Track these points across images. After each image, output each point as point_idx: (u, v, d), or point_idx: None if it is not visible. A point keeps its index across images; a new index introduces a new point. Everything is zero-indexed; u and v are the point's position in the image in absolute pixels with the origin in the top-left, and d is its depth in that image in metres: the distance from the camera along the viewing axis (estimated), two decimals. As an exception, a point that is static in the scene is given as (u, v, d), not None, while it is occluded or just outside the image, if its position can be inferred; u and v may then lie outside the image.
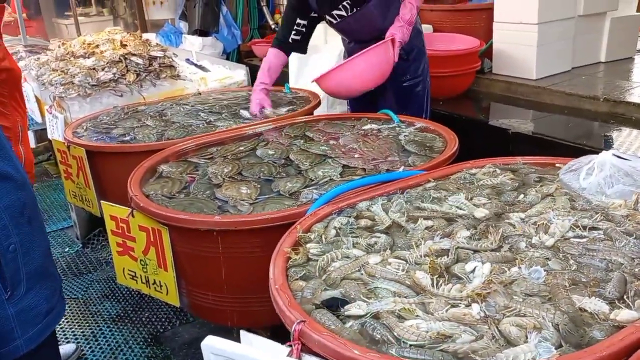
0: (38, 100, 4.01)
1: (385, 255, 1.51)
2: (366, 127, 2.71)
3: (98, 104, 3.48)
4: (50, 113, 3.40)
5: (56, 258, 3.82)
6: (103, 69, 3.54)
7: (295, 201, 2.00)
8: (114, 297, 3.35)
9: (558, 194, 1.78)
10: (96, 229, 3.97)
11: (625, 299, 1.25)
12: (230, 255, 1.90)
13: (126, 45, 3.80)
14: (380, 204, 1.80)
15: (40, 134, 5.03)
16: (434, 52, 3.38)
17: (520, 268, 1.39)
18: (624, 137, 3.01)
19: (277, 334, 1.35)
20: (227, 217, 1.89)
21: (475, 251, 1.49)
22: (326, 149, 2.43)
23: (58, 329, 3.08)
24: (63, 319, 3.16)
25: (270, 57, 3.12)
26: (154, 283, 2.15)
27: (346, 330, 1.23)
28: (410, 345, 1.17)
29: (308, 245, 1.59)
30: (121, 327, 3.07)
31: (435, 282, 1.35)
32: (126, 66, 3.61)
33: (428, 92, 3.17)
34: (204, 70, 4.21)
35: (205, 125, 2.94)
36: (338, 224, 1.69)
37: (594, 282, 1.32)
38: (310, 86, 3.64)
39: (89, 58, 3.69)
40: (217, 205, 2.02)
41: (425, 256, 1.48)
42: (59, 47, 3.99)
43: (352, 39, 3.14)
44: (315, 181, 2.14)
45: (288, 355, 1.20)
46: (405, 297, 1.33)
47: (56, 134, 3.29)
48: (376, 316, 1.26)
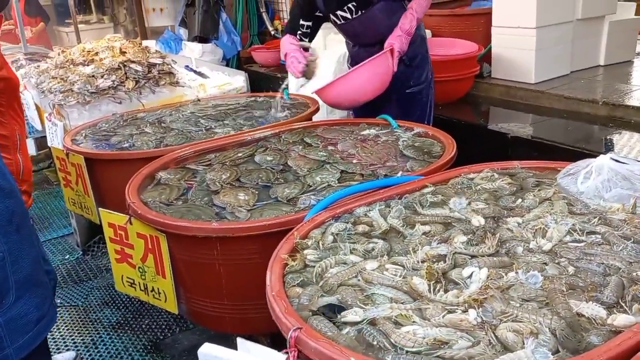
0: (38, 108, 4.02)
1: (383, 261, 1.51)
2: (364, 133, 2.71)
3: (97, 112, 3.48)
4: (50, 121, 3.41)
5: (56, 265, 3.82)
6: (102, 76, 3.55)
7: (293, 207, 2.00)
8: (114, 305, 3.35)
9: (556, 198, 1.77)
10: (96, 236, 3.97)
11: (622, 303, 1.24)
12: (228, 262, 1.90)
13: (125, 53, 3.81)
14: (378, 210, 1.80)
15: (41, 142, 5.04)
16: (433, 57, 3.37)
17: (517, 273, 1.38)
18: (623, 141, 3.00)
19: (277, 340, 1.34)
20: (225, 224, 1.88)
21: (473, 256, 1.49)
22: (324, 154, 2.43)
23: (58, 336, 3.08)
24: (63, 326, 3.16)
25: (288, 38, 3.07)
26: (153, 290, 2.14)
27: (343, 337, 1.22)
28: (407, 351, 1.16)
29: (305, 251, 1.58)
30: (121, 335, 3.06)
31: (432, 288, 1.35)
32: (125, 73, 3.62)
33: (432, 100, 3.17)
34: (203, 77, 4.22)
35: (204, 131, 2.94)
36: (335, 230, 1.69)
37: (591, 287, 1.32)
38: (309, 92, 3.64)
39: (88, 65, 3.70)
40: (215, 211, 2.02)
41: (422, 262, 1.47)
42: (59, 55, 4.00)
43: (356, 42, 3.14)
44: (313, 187, 2.14)
45: (284, 362, 1.20)
46: (402, 303, 1.32)
47: (55, 141, 3.29)
48: (373, 322, 1.26)
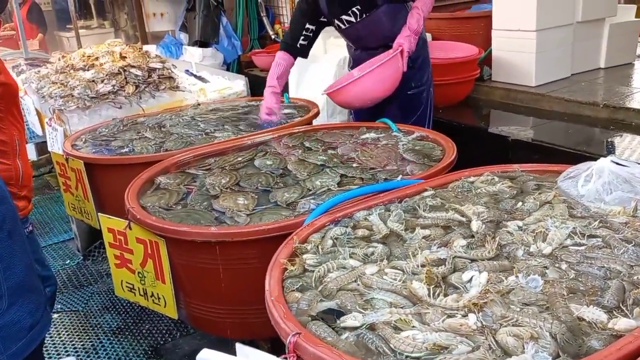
0: (38, 113, 4.02)
1: (382, 265, 1.50)
2: (364, 137, 2.71)
3: (97, 116, 3.48)
4: (50, 126, 3.41)
5: (57, 270, 3.82)
6: (102, 81, 3.55)
7: (292, 211, 1.99)
8: (114, 310, 3.34)
9: (556, 201, 1.76)
10: (97, 241, 3.96)
11: (623, 307, 1.23)
12: (227, 266, 1.89)
13: (125, 57, 3.81)
14: (378, 214, 1.79)
15: (42, 147, 5.04)
16: (433, 60, 3.37)
17: (517, 277, 1.37)
18: (624, 143, 2.99)
19: (278, 345, 1.33)
20: (224, 229, 1.88)
21: (473, 260, 1.48)
22: (324, 158, 2.43)
23: (58, 341, 3.08)
24: (63, 332, 3.16)
25: (279, 61, 3.14)
26: (152, 295, 2.14)
27: (342, 342, 1.22)
28: (407, 356, 1.15)
29: (304, 256, 1.58)
30: (121, 340, 3.06)
31: (431, 292, 1.34)
32: (125, 78, 3.62)
33: (431, 101, 3.19)
34: (203, 81, 4.21)
35: (204, 136, 2.94)
36: (335, 234, 1.68)
37: (592, 291, 1.31)
38: (309, 96, 3.65)
39: (88, 70, 3.70)
40: (214, 216, 2.01)
41: (422, 266, 1.46)
42: (59, 60, 4.00)
43: (359, 45, 3.15)
44: (312, 191, 2.13)
45: (283, 367, 1.19)
46: (401, 308, 1.31)
47: (56, 146, 3.29)
48: (372, 327, 1.25)
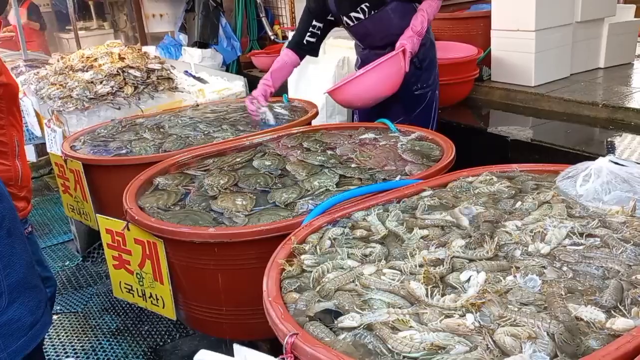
0: (38, 114, 4.02)
1: (380, 265, 1.50)
2: (363, 137, 2.71)
3: (96, 117, 3.48)
4: (49, 127, 3.41)
5: (56, 272, 3.82)
6: (101, 82, 3.55)
7: (291, 212, 1.99)
8: (113, 311, 3.34)
9: (555, 201, 1.76)
10: (96, 242, 3.96)
11: (621, 307, 1.23)
12: (225, 267, 1.89)
13: (124, 58, 3.81)
14: (376, 214, 1.79)
15: (42, 148, 5.05)
16: (432, 61, 3.38)
17: (515, 277, 1.37)
18: (624, 143, 2.99)
19: (277, 346, 1.33)
20: (222, 229, 1.87)
21: (471, 260, 1.48)
22: (323, 159, 2.42)
23: (57, 342, 3.08)
24: (63, 333, 3.15)
25: (284, 58, 3.14)
26: (151, 296, 2.13)
27: (339, 343, 1.21)
28: (404, 357, 1.15)
29: (302, 256, 1.57)
30: (121, 341, 3.05)
31: (429, 292, 1.34)
32: (124, 79, 3.62)
33: (437, 103, 3.19)
34: (202, 82, 4.21)
35: (202, 136, 2.94)
36: (333, 235, 1.68)
37: (590, 290, 1.30)
38: (308, 97, 3.65)
39: (87, 71, 3.70)
40: (213, 217, 2.01)
41: (420, 266, 1.46)
42: (58, 61, 4.00)
43: (367, 44, 3.15)
44: (311, 191, 2.13)
45: (280, 368, 1.19)
46: (399, 308, 1.31)
47: (55, 147, 3.29)
48: (370, 328, 1.25)
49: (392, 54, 2.75)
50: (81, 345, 3.05)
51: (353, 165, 2.35)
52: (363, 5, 2.89)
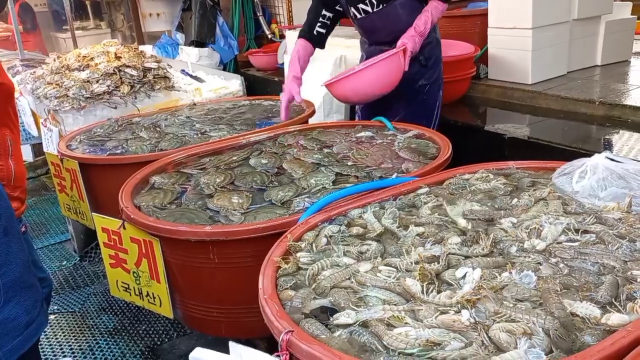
0: (34, 114, 4.01)
1: (376, 262, 1.50)
2: (360, 135, 2.70)
3: (92, 117, 3.48)
4: (45, 126, 3.40)
5: (53, 271, 3.81)
6: (97, 81, 3.54)
7: (287, 210, 1.99)
8: (111, 310, 3.33)
9: (551, 197, 1.76)
10: (93, 242, 3.95)
11: (617, 303, 1.23)
12: (221, 265, 1.89)
13: (120, 57, 3.80)
14: (372, 212, 1.79)
15: (38, 148, 5.04)
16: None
17: (511, 273, 1.37)
18: (620, 140, 2.99)
19: (274, 344, 1.33)
20: (218, 228, 1.87)
21: (466, 257, 1.48)
22: (319, 157, 2.42)
23: (55, 342, 3.07)
24: (60, 333, 3.15)
25: (298, 48, 3.11)
26: (147, 295, 2.13)
27: (335, 340, 1.21)
28: (399, 353, 1.15)
29: (298, 254, 1.57)
30: (118, 340, 3.05)
31: (425, 289, 1.34)
32: (120, 78, 3.61)
33: (440, 101, 3.18)
34: (199, 81, 4.21)
35: (199, 135, 2.93)
36: (329, 232, 1.67)
37: (585, 286, 1.30)
38: (305, 95, 3.64)
39: (83, 71, 3.69)
40: (209, 215, 2.01)
41: (415, 263, 1.46)
42: (55, 61, 4.00)
43: (373, 40, 3.14)
44: (307, 189, 2.12)
45: (276, 365, 1.18)
46: (395, 305, 1.31)
47: (51, 147, 3.28)
48: (365, 324, 1.25)
49: (392, 51, 2.74)
50: (78, 344, 3.05)
51: (349, 163, 2.35)
52: None
